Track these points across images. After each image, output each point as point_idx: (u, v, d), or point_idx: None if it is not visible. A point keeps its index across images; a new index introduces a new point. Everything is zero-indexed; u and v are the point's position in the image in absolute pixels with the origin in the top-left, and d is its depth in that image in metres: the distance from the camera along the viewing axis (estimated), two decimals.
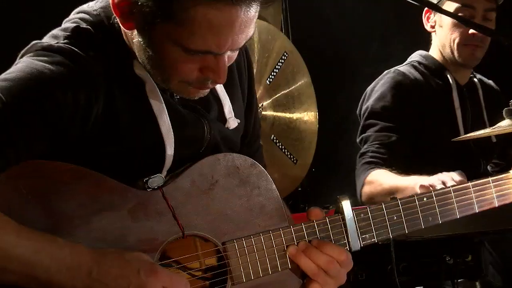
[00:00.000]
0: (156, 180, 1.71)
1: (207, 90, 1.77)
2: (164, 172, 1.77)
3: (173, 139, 1.75)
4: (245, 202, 1.78)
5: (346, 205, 1.84)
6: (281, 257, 1.78)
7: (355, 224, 1.84)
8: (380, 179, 2.84)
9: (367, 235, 1.85)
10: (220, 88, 1.90)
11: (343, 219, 1.83)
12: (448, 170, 2.48)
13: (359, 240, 1.84)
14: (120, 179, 1.69)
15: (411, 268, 2.55)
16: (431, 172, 2.55)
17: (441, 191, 1.92)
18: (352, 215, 1.83)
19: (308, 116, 3.36)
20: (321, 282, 1.77)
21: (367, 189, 2.90)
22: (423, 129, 3.08)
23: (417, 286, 2.60)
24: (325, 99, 3.55)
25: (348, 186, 3.11)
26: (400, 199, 1.89)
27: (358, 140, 3.15)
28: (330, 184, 3.89)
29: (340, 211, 1.83)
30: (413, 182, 2.56)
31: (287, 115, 3.32)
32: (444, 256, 2.51)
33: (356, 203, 2.12)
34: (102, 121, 1.68)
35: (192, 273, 1.75)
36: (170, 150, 1.75)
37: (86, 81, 1.65)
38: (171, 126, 1.75)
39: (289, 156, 3.29)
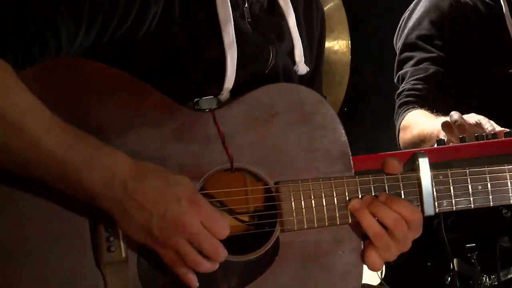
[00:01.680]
0: (208, 101, 1.56)
1: None
2: (222, 94, 1.60)
3: (236, 54, 1.58)
4: (307, 142, 1.58)
5: (424, 163, 1.60)
6: (341, 209, 1.57)
7: (432, 186, 1.61)
8: (413, 123, 2.49)
9: (444, 201, 1.62)
10: (294, 30, 1.75)
11: (419, 178, 1.60)
12: (500, 112, 2.19)
13: (434, 205, 1.61)
14: (169, 96, 1.52)
15: (461, 223, 2.20)
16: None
17: None
18: (429, 176, 1.60)
19: (338, 45, 2.94)
20: (381, 247, 1.55)
21: (402, 136, 2.55)
22: (469, 60, 2.66)
23: (468, 244, 2.24)
24: (359, 24, 3.14)
25: (387, 130, 2.74)
26: (488, 167, 1.65)
27: (395, 79, 2.77)
28: (367, 127, 3.45)
29: (415, 169, 1.61)
30: (439, 127, 2.21)
31: None
32: (500, 209, 2.14)
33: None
34: (158, 23, 1.52)
35: (236, 212, 1.58)
36: (231, 66, 1.58)
37: None
38: (235, 39, 1.57)
39: None
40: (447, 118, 2.14)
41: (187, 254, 1.40)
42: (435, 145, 1.94)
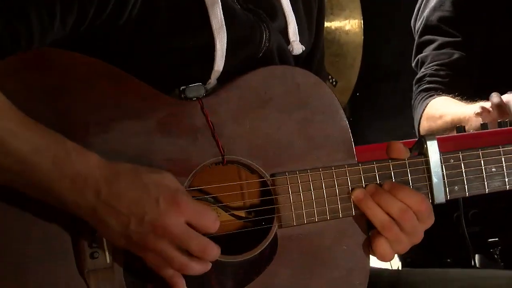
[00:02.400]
0: (196, 89, 1.44)
1: None
2: (211, 82, 1.49)
3: (225, 38, 1.46)
4: (305, 128, 1.48)
5: (432, 146, 1.50)
6: (344, 200, 1.47)
7: (442, 171, 1.50)
8: (440, 109, 2.36)
9: (456, 187, 1.51)
10: (287, 5, 1.64)
11: (427, 163, 1.49)
12: None
13: (445, 192, 1.50)
14: (153, 86, 1.43)
15: (483, 215, 2.09)
16: None
17: None
18: (439, 159, 1.50)
19: (350, 25, 2.80)
20: (390, 238, 1.45)
21: (425, 125, 2.42)
22: (495, 44, 2.53)
23: (490, 238, 2.15)
24: (372, 1, 2.99)
25: (403, 117, 2.60)
26: (502, 146, 1.54)
27: (413, 63, 2.64)
28: (381, 113, 3.26)
29: (424, 153, 1.50)
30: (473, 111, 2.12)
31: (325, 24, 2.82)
32: None
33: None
34: (140, 9, 1.42)
35: (230, 208, 1.49)
36: (220, 51, 1.47)
37: None
38: (224, 22, 1.46)
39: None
40: (479, 104, 2.03)
41: (171, 257, 1.32)
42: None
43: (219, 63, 1.47)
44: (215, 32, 1.46)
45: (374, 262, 1.50)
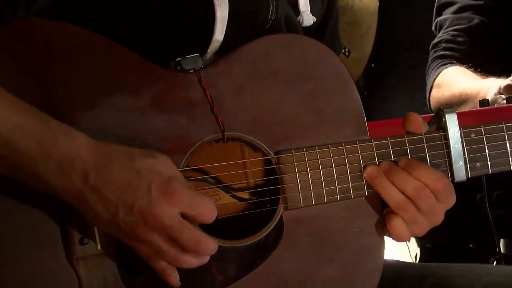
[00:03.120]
0: (193, 60, 1.34)
1: None
2: (210, 53, 1.40)
3: (227, 6, 1.37)
4: (312, 101, 1.39)
5: (452, 119, 1.40)
6: (355, 179, 1.38)
7: (463, 146, 1.40)
8: (451, 80, 2.24)
9: (477, 163, 1.42)
10: None
11: (446, 137, 1.40)
12: None
13: (466, 169, 1.41)
14: (147, 59, 1.34)
15: (508, 197, 2.00)
16: None
17: None
18: (459, 134, 1.40)
19: None
20: (406, 218, 1.36)
21: (435, 94, 2.30)
22: None
23: None
24: None
25: (422, 90, 2.44)
26: None
27: (433, 26, 2.51)
28: (397, 85, 3.07)
29: (442, 127, 1.41)
30: (489, 85, 1.99)
31: None
32: None
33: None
34: None
35: (232, 189, 1.41)
36: (221, 20, 1.37)
37: None
38: None
39: None
40: (492, 80, 1.91)
41: (162, 250, 1.23)
42: (477, 107, 1.72)
43: (219, 32, 1.38)
44: (216, 4, 1.37)
45: (391, 246, 1.40)
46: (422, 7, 2.71)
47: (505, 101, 1.86)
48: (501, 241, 2.02)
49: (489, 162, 1.42)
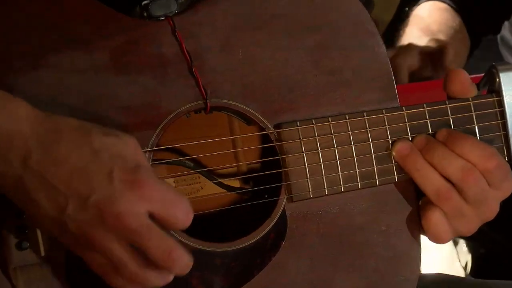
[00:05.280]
0: (164, 4, 1.17)
1: None
2: None
3: None
4: (322, 58, 1.20)
5: (508, 80, 1.21)
6: (382, 160, 1.20)
7: None
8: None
9: None
10: None
11: (501, 104, 1.22)
12: None
13: None
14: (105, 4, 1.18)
15: None
16: None
17: None
18: None
19: None
20: (448, 210, 1.18)
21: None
22: None
23: None
24: None
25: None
26: None
27: None
28: None
29: (496, 90, 1.23)
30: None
31: None
32: None
33: None
34: None
35: (219, 175, 1.22)
36: None
37: None
38: None
39: None
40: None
41: (121, 262, 1.04)
42: None
43: None
44: None
45: (431, 252, 1.18)
46: None
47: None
48: None
49: None
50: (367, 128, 1.20)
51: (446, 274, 1.47)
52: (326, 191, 1.17)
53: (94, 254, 1.03)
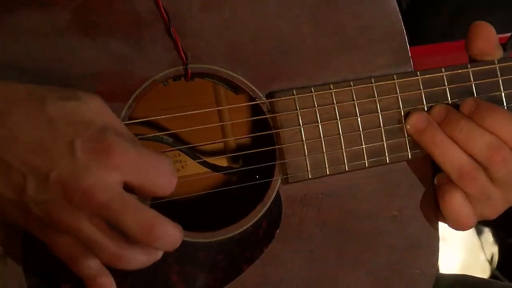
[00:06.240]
0: None
1: None
2: None
3: None
4: (324, 16, 1.06)
5: None
6: (392, 134, 1.06)
7: None
8: None
9: None
10: None
11: None
12: None
13: None
14: None
15: None
16: None
17: None
18: None
19: None
20: (472, 192, 1.05)
21: None
22: None
23: None
24: None
25: (497, 7, 2.15)
26: None
27: None
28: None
29: None
30: None
31: None
32: None
33: None
34: None
35: (202, 152, 1.10)
36: None
37: None
38: None
39: None
40: None
41: (94, 242, 0.91)
42: None
43: None
44: None
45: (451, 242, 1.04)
46: None
47: None
48: None
49: None
50: (375, 97, 1.07)
51: (467, 276, 1.33)
52: (327, 170, 1.05)
53: (60, 238, 0.92)
